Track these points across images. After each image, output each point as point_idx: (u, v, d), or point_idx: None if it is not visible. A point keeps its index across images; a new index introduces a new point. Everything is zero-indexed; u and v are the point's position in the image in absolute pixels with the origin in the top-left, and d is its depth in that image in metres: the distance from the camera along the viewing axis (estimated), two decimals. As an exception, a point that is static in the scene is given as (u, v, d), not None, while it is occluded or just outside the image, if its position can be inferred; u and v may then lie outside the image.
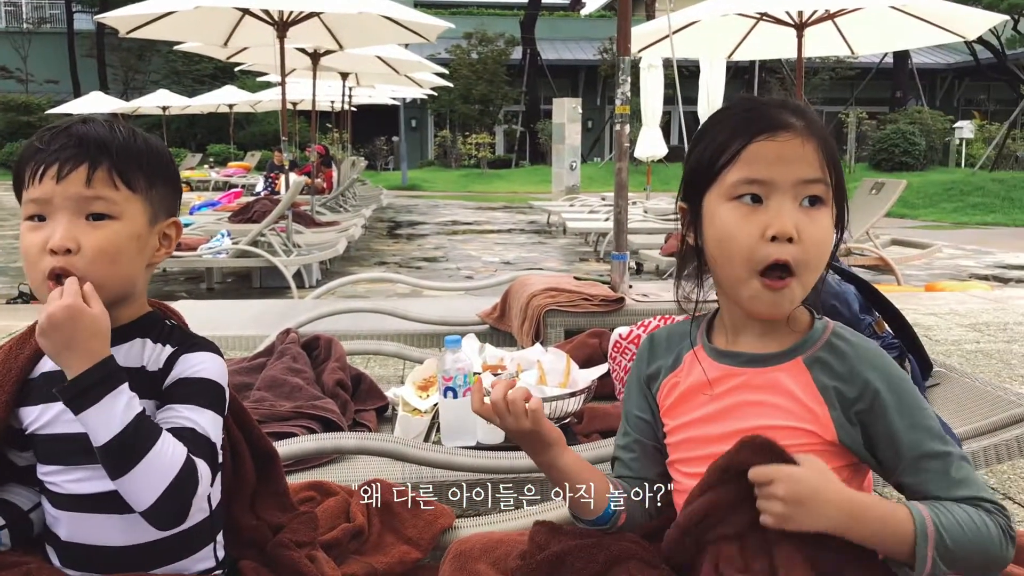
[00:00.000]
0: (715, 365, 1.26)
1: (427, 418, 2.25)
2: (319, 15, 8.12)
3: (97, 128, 1.22)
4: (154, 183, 1.25)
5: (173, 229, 1.28)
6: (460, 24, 21.41)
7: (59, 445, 1.23)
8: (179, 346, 1.25)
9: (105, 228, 1.19)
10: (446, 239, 12.38)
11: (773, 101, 1.23)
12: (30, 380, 1.26)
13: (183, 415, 1.19)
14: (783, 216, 1.15)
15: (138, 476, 1.12)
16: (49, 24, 34.28)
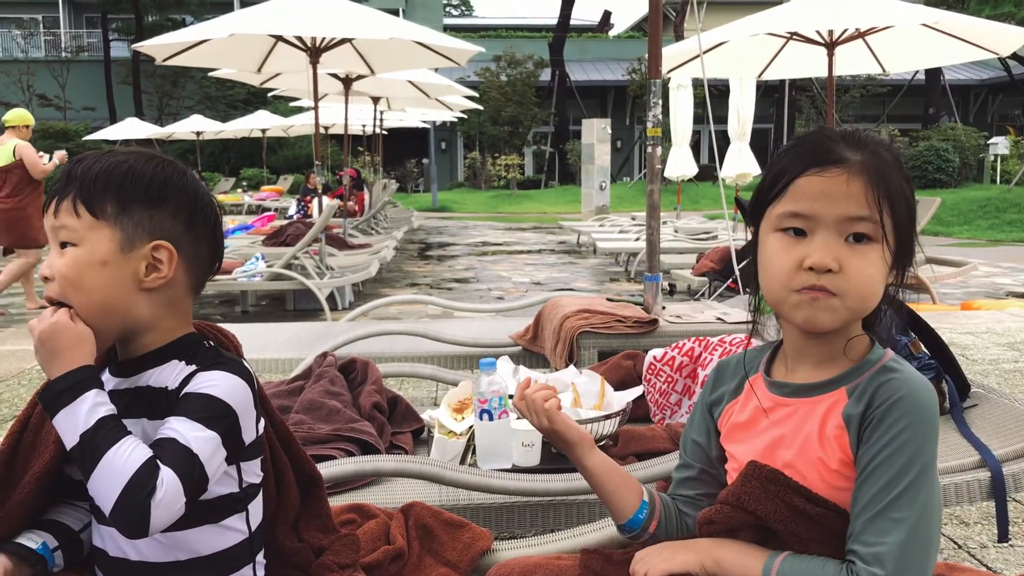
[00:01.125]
0: (768, 395, 1.27)
1: (463, 440, 2.26)
2: (351, 41, 8.24)
3: (81, 159, 1.27)
4: (128, 208, 1.24)
5: (163, 253, 1.25)
6: (489, 47, 21.58)
7: None
8: (201, 364, 1.25)
9: (66, 255, 1.23)
10: (476, 260, 12.43)
11: (836, 134, 1.22)
12: None
13: (171, 425, 1.19)
14: (822, 249, 1.16)
15: (97, 479, 1.13)
16: (87, 52, 35.01)
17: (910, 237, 1.21)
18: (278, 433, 1.41)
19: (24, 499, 1.27)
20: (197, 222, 1.30)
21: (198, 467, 1.17)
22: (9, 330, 6.74)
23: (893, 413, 1.13)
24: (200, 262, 1.32)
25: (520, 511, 1.95)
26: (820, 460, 1.18)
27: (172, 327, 1.30)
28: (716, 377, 1.39)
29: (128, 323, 1.26)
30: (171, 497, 1.13)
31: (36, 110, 31.24)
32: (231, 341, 1.38)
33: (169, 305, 1.28)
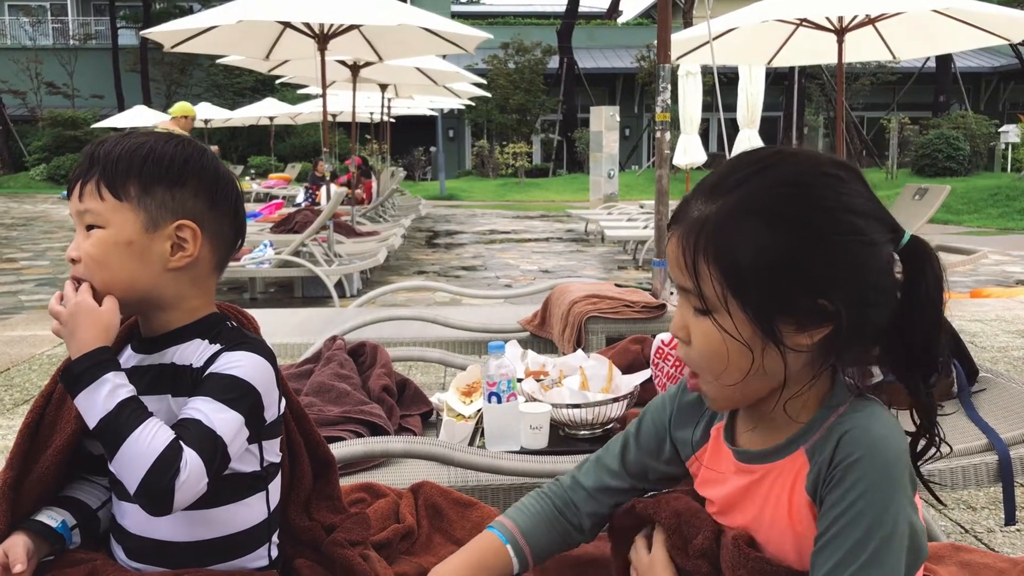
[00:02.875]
0: (731, 459, 1.16)
1: (471, 423, 2.28)
2: (359, 28, 8.23)
3: (100, 143, 1.28)
4: (151, 189, 1.25)
5: (187, 232, 1.27)
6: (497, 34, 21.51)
7: None
8: (226, 344, 1.27)
9: (93, 237, 1.25)
10: (484, 248, 12.43)
11: (712, 177, 1.08)
12: None
13: (195, 406, 1.20)
14: (676, 315, 1.10)
15: (121, 460, 1.15)
16: (94, 40, 35.01)
17: (774, 305, 1.01)
18: (294, 414, 1.42)
19: (45, 473, 1.29)
20: (219, 200, 1.31)
21: (220, 448, 1.19)
22: (20, 316, 6.78)
23: (849, 476, 1.01)
24: (224, 240, 1.33)
25: (528, 491, 1.96)
26: (798, 534, 1.07)
27: (196, 306, 1.31)
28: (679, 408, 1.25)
29: (153, 301, 1.28)
30: (194, 478, 1.16)
31: (44, 98, 31.37)
32: (251, 323, 1.40)
33: (194, 284, 1.30)
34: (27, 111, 31.45)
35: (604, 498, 1.29)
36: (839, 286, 1.00)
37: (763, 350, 1.03)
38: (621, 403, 2.23)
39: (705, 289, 1.03)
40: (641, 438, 1.28)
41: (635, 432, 1.29)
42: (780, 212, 1.00)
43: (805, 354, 1.04)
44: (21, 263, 10.86)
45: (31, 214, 18.90)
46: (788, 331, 1.02)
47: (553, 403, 2.20)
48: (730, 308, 1.02)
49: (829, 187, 1.02)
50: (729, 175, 1.05)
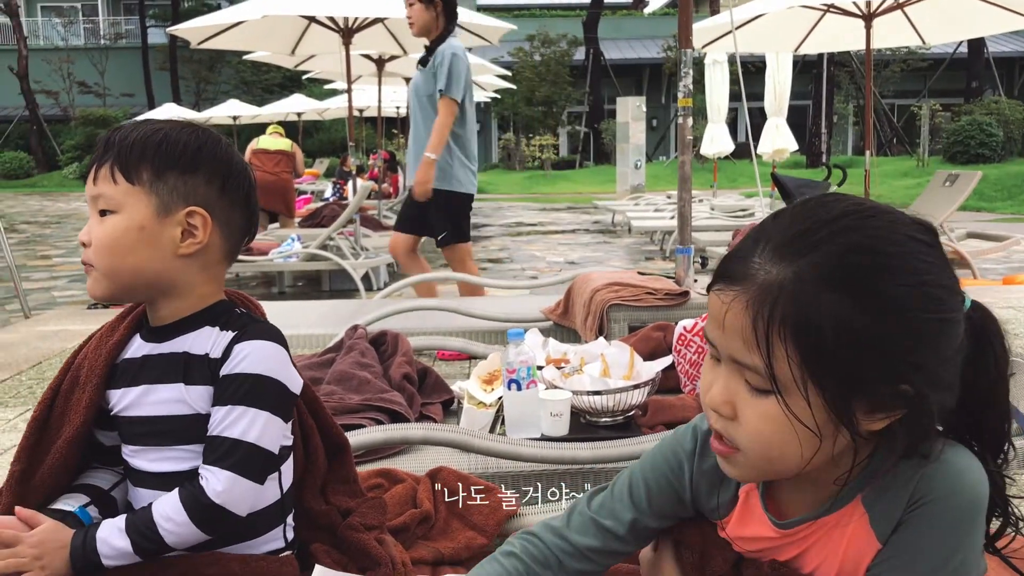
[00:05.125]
0: (769, 526, 1.06)
1: (492, 411, 2.27)
2: (383, 21, 8.24)
3: (117, 129, 1.30)
4: (163, 174, 1.26)
5: (198, 219, 1.27)
6: (522, 26, 21.48)
7: (136, 427, 1.30)
8: (238, 331, 1.28)
9: (106, 222, 1.26)
10: (510, 240, 12.42)
11: (768, 233, 0.95)
12: (116, 365, 1.32)
13: (224, 420, 1.24)
14: (718, 386, 0.97)
15: (178, 543, 1.23)
16: (125, 40, 35.39)
17: (853, 388, 0.89)
18: (304, 397, 1.43)
19: (57, 464, 1.30)
20: (230, 189, 1.31)
21: (256, 452, 1.24)
22: (52, 311, 6.87)
23: (926, 516, 0.95)
24: (234, 229, 1.33)
25: (548, 478, 1.96)
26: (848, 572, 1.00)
27: (206, 293, 1.32)
28: (700, 472, 1.12)
29: (162, 288, 1.29)
30: (239, 489, 1.22)
31: (76, 97, 31.78)
32: (258, 308, 1.41)
33: (203, 271, 1.31)
34: (60, 110, 31.88)
35: (601, 559, 1.16)
36: (921, 368, 0.90)
37: (835, 437, 0.92)
38: (643, 389, 2.22)
39: (777, 367, 0.90)
40: (654, 503, 1.14)
41: (646, 497, 1.15)
42: (861, 284, 0.88)
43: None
44: (54, 260, 11.01)
45: (64, 212, 19.16)
46: (860, 415, 0.91)
47: (573, 390, 2.19)
48: (808, 391, 0.89)
49: (912, 255, 0.91)
50: (802, 235, 0.91)
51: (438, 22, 4.80)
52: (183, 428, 1.27)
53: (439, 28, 4.82)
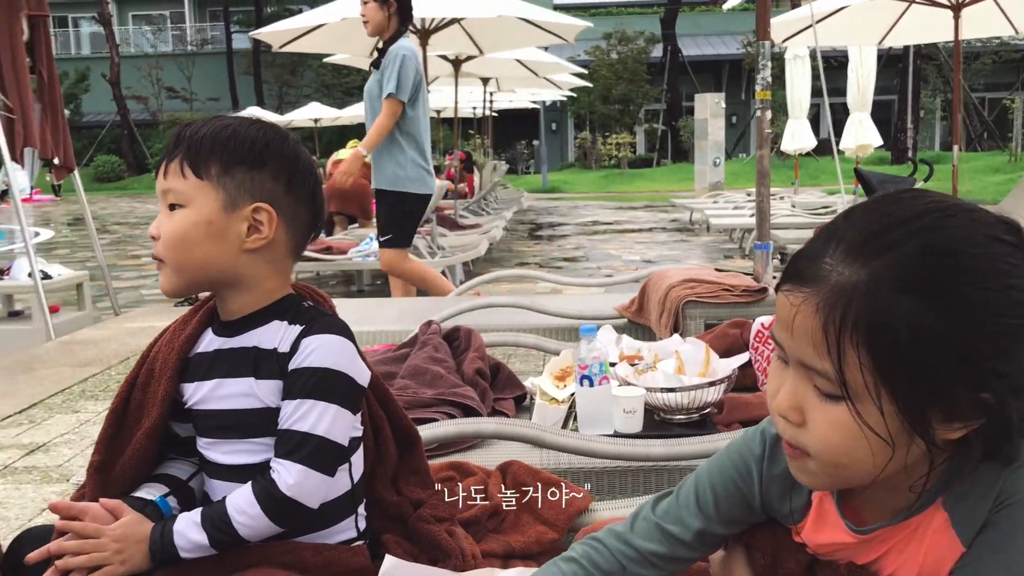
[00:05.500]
0: (845, 530, 1.03)
1: (564, 407, 2.26)
2: (460, 21, 8.30)
3: (188, 125, 1.32)
4: (231, 170, 1.28)
5: (263, 214, 1.29)
6: (599, 24, 21.41)
7: (209, 420, 1.33)
8: (306, 326, 1.29)
9: (174, 216, 1.29)
10: (586, 239, 12.38)
11: (840, 231, 0.90)
12: (189, 359, 1.35)
13: (293, 413, 1.25)
14: (786, 391, 0.93)
15: (252, 536, 1.24)
16: (210, 45, 36.40)
17: (929, 396, 0.85)
18: (373, 388, 1.44)
19: (137, 454, 1.33)
20: (296, 185, 1.33)
21: (326, 445, 1.25)
22: (140, 309, 7.10)
23: (1011, 519, 0.90)
24: (299, 225, 1.34)
25: (621, 475, 1.94)
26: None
27: (273, 288, 1.34)
28: (769, 479, 1.08)
29: (229, 282, 1.31)
30: (310, 482, 1.23)
31: (164, 102, 32.83)
32: (326, 301, 1.42)
33: (269, 266, 1.32)
34: (149, 115, 33.00)
35: (666, 565, 1.13)
36: (1004, 377, 0.84)
37: (908, 446, 0.88)
38: (718, 387, 2.18)
39: (849, 373, 0.85)
40: (721, 509, 1.11)
41: (713, 503, 1.11)
42: (940, 287, 0.83)
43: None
44: (143, 259, 11.38)
45: (153, 213, 19.76)
46: (936, 424, 0.87)
47: (647, 387, 2.17)
48: (881, 398, 0.85)
49: (995, 257, 0.85)
50: (877, 234, 0.87)
51: (391, 22, 4.86)
52: (254, 421, 1.29)
53: (392, 28, 4.88)
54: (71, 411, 3.99)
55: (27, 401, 4.14)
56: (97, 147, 32.26)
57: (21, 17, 5.80)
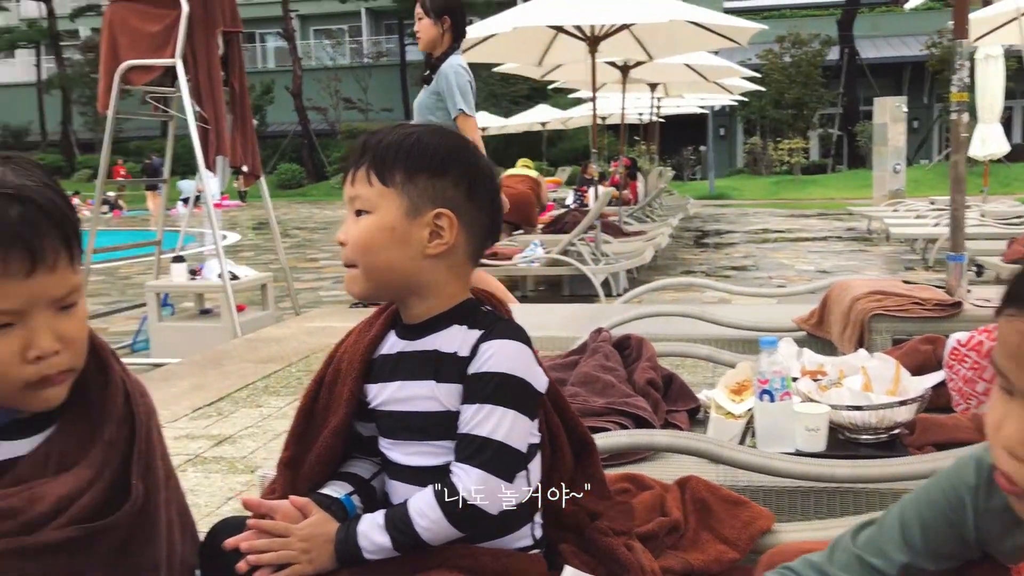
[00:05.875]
0: None
1: (741, 422, 2.18)
2: (629, 27, 8.24)
3: (374, 134, 1.35)
4: (414, 177, 1.30)
5: (445, 220, 1.30)
6: (772, 27, 20.75)
7: (392, 421, 1.35)
8: (485, 330, 1.30)
9: (360, 222, 1.31)
10: (755, 247, 12.02)
11: None
12: (373, 360, 1.38)
13: (473, 419, 1.25)
14: (1010, 425, 0.85)
15: (433, 540, 1.25)
16: (385, 57, 37.85)
17: None
18: (549, 395, 1.42)
19: (323, 452, 1.36)
20: (477, 192, 1.34)
21: (506, 451, 1.25)
22: (318, 309, 7.43)
23: None
24: (479, 230, 1.35)
25: (803, 496, 1.84)
26: None
27: (453, 293, 1.35)
28: (984, 513, 0.99)
29: (411, 286, 1.33)
30: (490, 488, 1.23)
31: (342, 113, 34.38)
32: (502, 305, 1.42)
33: (450, 271, 1.33)
34: (328, 125, 34.66)
35: None
36: None
37: None
38: (910, 406, 2.04)
39: None
40: (930, 543, 1.03)
41: (920, 536, 1.03)
42: None
43: None
44: (321, 262, 11.93)
45: (330, 219, 20.74)
46: None
47: (832, 404, 2.05)
48: None
49: None
50: None
51: (444, 39, 4.89)
52: (435, 424, 1.30)
53: (445, 45, 4.90)
54: (255, 405, 4.21)
55: (215, 395, 4.39)
56: (279, 156, 34.10)
57: (217, 33, 6.19)
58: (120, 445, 1.17)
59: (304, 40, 38.49)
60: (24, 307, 1.07)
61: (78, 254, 1.13)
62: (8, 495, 1.07)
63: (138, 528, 1.16)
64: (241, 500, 1.34)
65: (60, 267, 1.09)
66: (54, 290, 1.09)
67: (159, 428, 1.26)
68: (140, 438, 1.19)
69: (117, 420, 1.18)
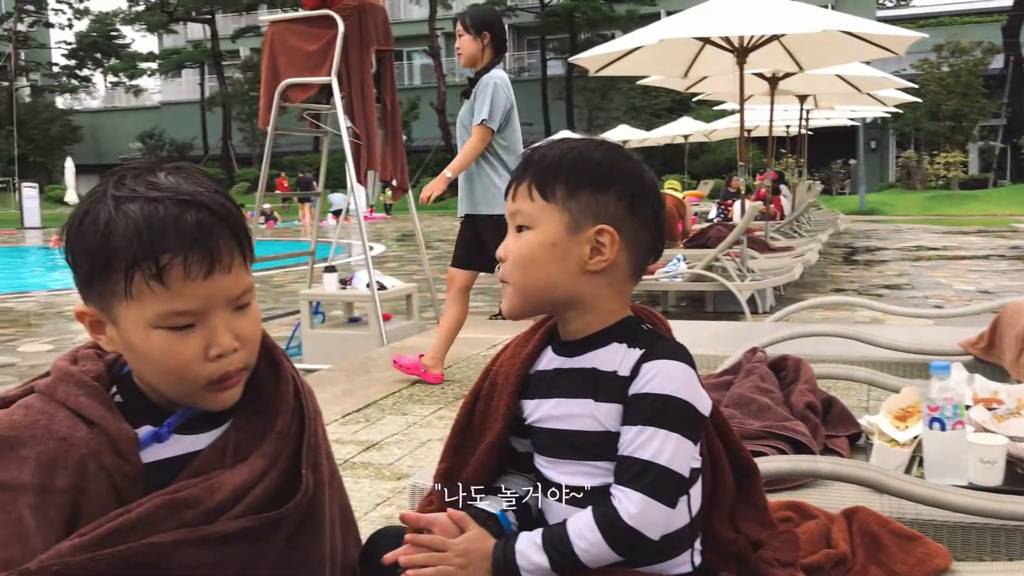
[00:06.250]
0: None
1: (907, 450, 2.06)
2: (779, 38, 8.03)
3: (537, 148, 1.34)
4: (576, 192, 1.28)
5: (606, 236, 1.27)
6: (929, 36, 19.83)
7: (548, 439, 1.33)
8: (646, 349, 1.27)
9: (521, 238, 1.30)
10: (910, 265, 11.47)
11: None
12: (529, 376, 1.37)
13: (639, 442, 1.22)
14: None
15: (591, 562, 1.22)
16: (527, 73, 38.28)
17: None
18: (712, 418, 1.38)
19: (479, 466, 1.36)
20: (639, 207, 1.31)
21: (669, 476, 1.22)
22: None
23: None
24: (641, 247, 1.32)
25: (978, 533, 1.72)
26: None
27: (613, 310, 1.32)
28: None
29: (571, 303, 1.31)
30: (654, 513, 1.20)
31: (483, 127, 34.98)
32: (664, 324, 1.39)
33: (610, 288, 1.31)
34: (470, 139, 35.27)
35: None
36: None
37: None
38: (1098, 442, 1.88)
39: None
40: None
41: None
42: None
43: None
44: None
45: (470, 231, 21.02)
46: None
47: (1010, 435, 1.92)
48: None
49: None
50: None
51: (484, 54, 4.93)
52: (593, 444, 1.28)
53: (485, 60, 4.93)
54: (400, 413, 4.30)
55: (363, 401, 4.52)
56: (423, 170, 34.98)
57: (371, 51, 6.39)
58: (291, 437, 1.21)
59: (449, 57, 39.39)
60: (204, 307, 1.12)
61: (250, 256, 1.18)
62: (189, 485, 1.12)
63: (307, 520, 1.20)
64: (400, 515, 1.36)
65: (235, 268, 1.14)
66: (230, 290, 1.14)
67: (324, 428, 1.30)
68: (310, 431, 1.23)
69: (288, 413, 1.22)
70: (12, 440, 1.09)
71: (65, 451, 1.09)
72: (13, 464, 1.08)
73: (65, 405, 1.13)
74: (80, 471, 1.09)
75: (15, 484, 1.08)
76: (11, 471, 1.08)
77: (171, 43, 46.27)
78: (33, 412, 1.12)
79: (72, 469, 1.09)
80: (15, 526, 1.07)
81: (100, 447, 1.10)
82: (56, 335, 8.19)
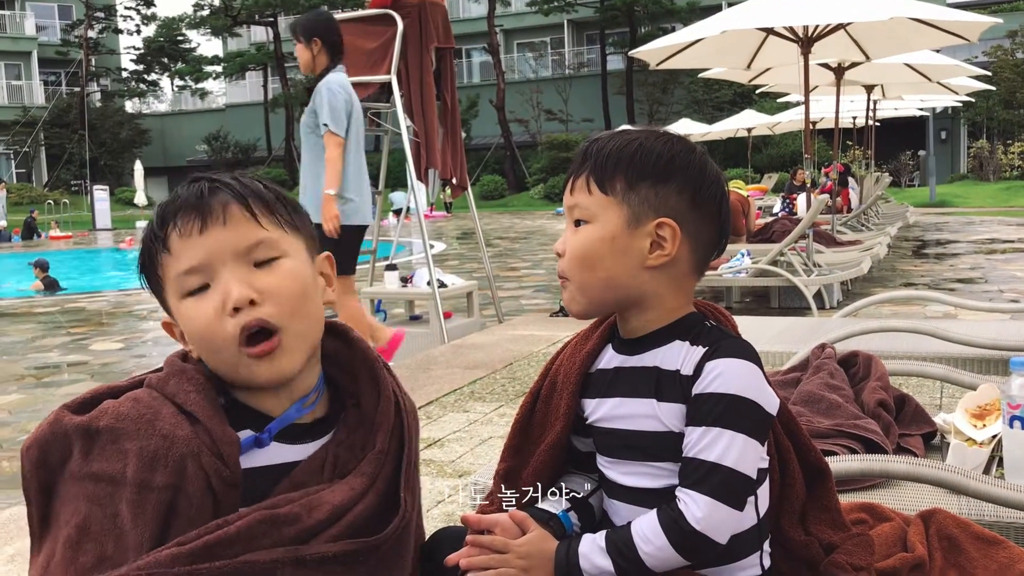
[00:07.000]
0: None
1: (986, 450, 1.98)
2: (845, 27, 7.84)
3: (595, 140, 1.30)
4: (636, 185, 1.24)
5: (667, 230, 1.24)
6: (1004, 21, 19.21)
7: (609, 438, 1.30)
8: (710, 347, 1.23)
9: (579, 232, 1.26)
10: (984, 259, 11.13)
11: None
12: (590, 374, 1.34)
13: (704, 443, 1.18)
14: None
15: (656, 567, 1.19)
16: (586, 68, 38.15)
17: None
18: (780, 417, 1.33)
19: (540, 466, 1.34)
20: (702, 200, 1.27)
21: (735, 478, 1.18)
22: (520, 317, 7.53)
23: None
24: (704, 241, 1.28)
25: (1065, 538, 1.65)
26: None
27: (675, 306, 1.29)
28: None
29: (631, 299, 1.27)
30: (718, 516, 1.17)
31: (543, 124, 34.95)
32: (729, 320, 1.35)
33: (672, 283, 1.27)
34: (529, 137, 35.34)
35: None
36: None
37: None
38: None
39: None
40: None
41: None
42: None
43: None
44: (522, 271, 12.13)
45: (530, 228, 21.09)
46: None
47: (1097, 435, 1.83)
48: None
49: None
50: None
51: (317, 60, 4.98)
52: (656, 444, 1.25)
53: (320, 66, 4.98)
54: (462, 410, 4.30)
55: (425, 398, 4.53)
56: (483, 167, 35.12)
57: (431, 49, 6.41)
58: (391, 456, 1.20)
59: (507, 54, 39.46)
60: (208, 261, 1.13)
61: (267, 212, 1.18)
62: (289, 500, 1.11)
63: (398, 543, 1.19)
64: (460, 517, 1.34)
65: (235, 221, 1.15)
66: (234, 242, 1.14)
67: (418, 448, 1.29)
68: (409, 450, 1.22)
69: (388, 431, 1.21)
70: (117, 432, 1.09)
71: (166, 448, 1.08)
72: (115, 457, 1.08)
73: (174, 400, 1.13)
74: (179, 470, 1.08)
75: (115, 477, 1.08)
76: (113, 463, 1.08)
77: (235, 46, 47.16)
78: (140, 406, 1.12)
79: (172, 467, 1.08)
80: (111, 521, 1.07)
81: (201, 447, 1.10)
82: (127, 333, 8.40)
